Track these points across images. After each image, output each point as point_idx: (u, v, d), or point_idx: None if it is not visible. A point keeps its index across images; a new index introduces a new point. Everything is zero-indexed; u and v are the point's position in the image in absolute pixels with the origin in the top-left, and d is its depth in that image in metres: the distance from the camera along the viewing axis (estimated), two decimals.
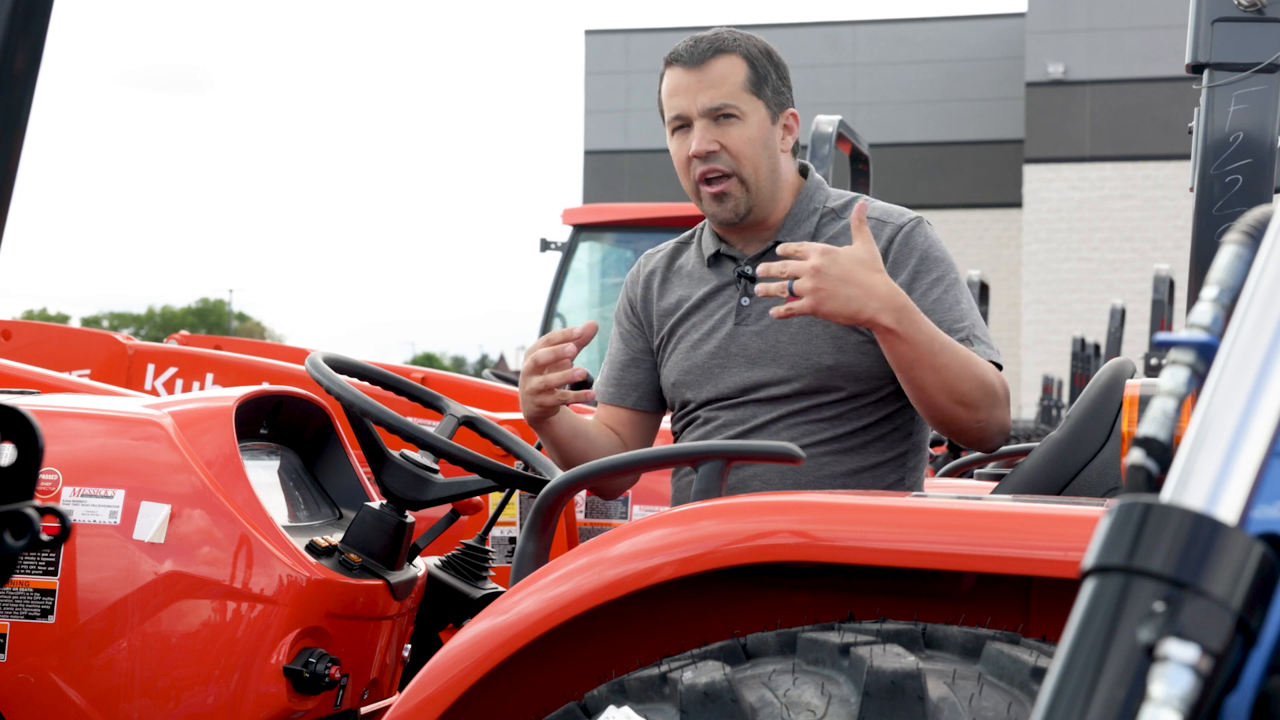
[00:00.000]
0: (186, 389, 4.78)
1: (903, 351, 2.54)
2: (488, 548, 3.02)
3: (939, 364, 2.55)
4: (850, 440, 2.75)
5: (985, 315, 11.20)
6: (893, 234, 2.77)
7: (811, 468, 2.69)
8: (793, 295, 2.47)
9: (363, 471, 2.85)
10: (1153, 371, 9.18)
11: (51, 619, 2.46)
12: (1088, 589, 0.88)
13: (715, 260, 2.88)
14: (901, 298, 2.52)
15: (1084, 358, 14.79)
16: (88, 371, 4.78)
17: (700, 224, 2.98)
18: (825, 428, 2.74)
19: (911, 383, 2.58)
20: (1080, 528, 1.89)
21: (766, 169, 2.80)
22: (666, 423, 3.32)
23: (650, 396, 2.95)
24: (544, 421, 2.72)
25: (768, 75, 2.83)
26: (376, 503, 2.69)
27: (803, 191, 2.87)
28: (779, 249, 2.55)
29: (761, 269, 2.52)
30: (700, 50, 2.81)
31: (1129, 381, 2.62)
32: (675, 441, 2.90)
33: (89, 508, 2.48)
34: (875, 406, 2.75)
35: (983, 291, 11.05)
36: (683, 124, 2.81)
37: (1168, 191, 28.34)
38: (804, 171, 2.92)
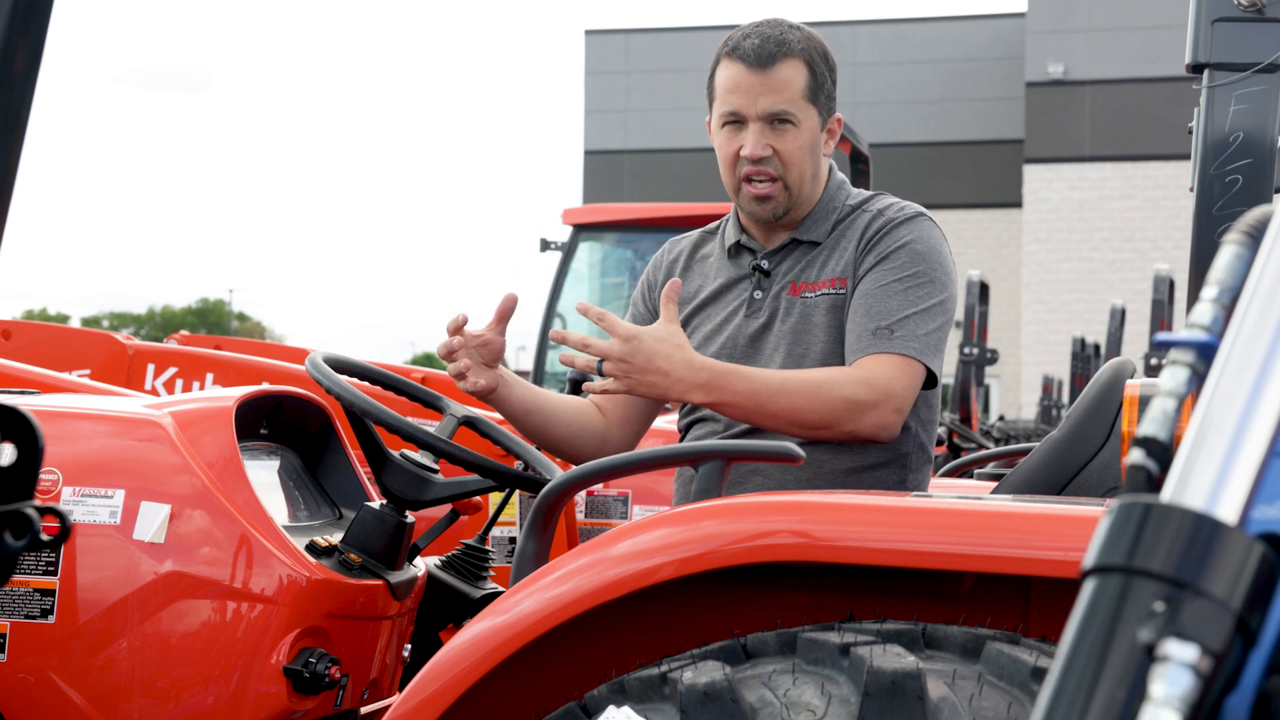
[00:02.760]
0: (186, 389, 4.79)
1: (731, 413, 2.65)
2: (488, 548, 3.02)
3: (772, 410, 2.61)
4: None
5: (985, 315, 11.20)
6: (884, 224, 2.79)
7: (811, 464, 2.70)
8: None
9: (363, 471, 2.86)
10: (1153, 371, 9.19)
11: (51, 619, 2.46)
12: (1088, 589, 0.88)
13: (735, 251, 2.91)
14: (704, 374, 2.60)
15: (1084, 358, 14.81)
16: (88, 371, 4.78)
17: (727, 215, 2.98)
18: None
19: (762, 426, 2.66)
20: (1080, 528, 1.89)
21: (810, 175, 2.83)
22: (667, 423, 3.32)
23: None
24: (490, 398, 2.78)
25: (824, 82, 2.84)
26: (376, 503, 2.69)
27: (825, 191, 2.88)
28: (576, 306, 2.65)
29: (555, 335, 2.65)
30: (767, 52, 2.78)
31: (1129, 381, 2.62)
32: (682, 439, 2.91)
33: (89, 508, 2.48)
34: None
35: (983, 291, 11.05)
36: (736, 120, 2.81)
37: (1168, 191, 28.36)
38: (828, 170, 2.94)
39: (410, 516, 2.70)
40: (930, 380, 2.74)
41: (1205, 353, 0.94)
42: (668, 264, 3.00)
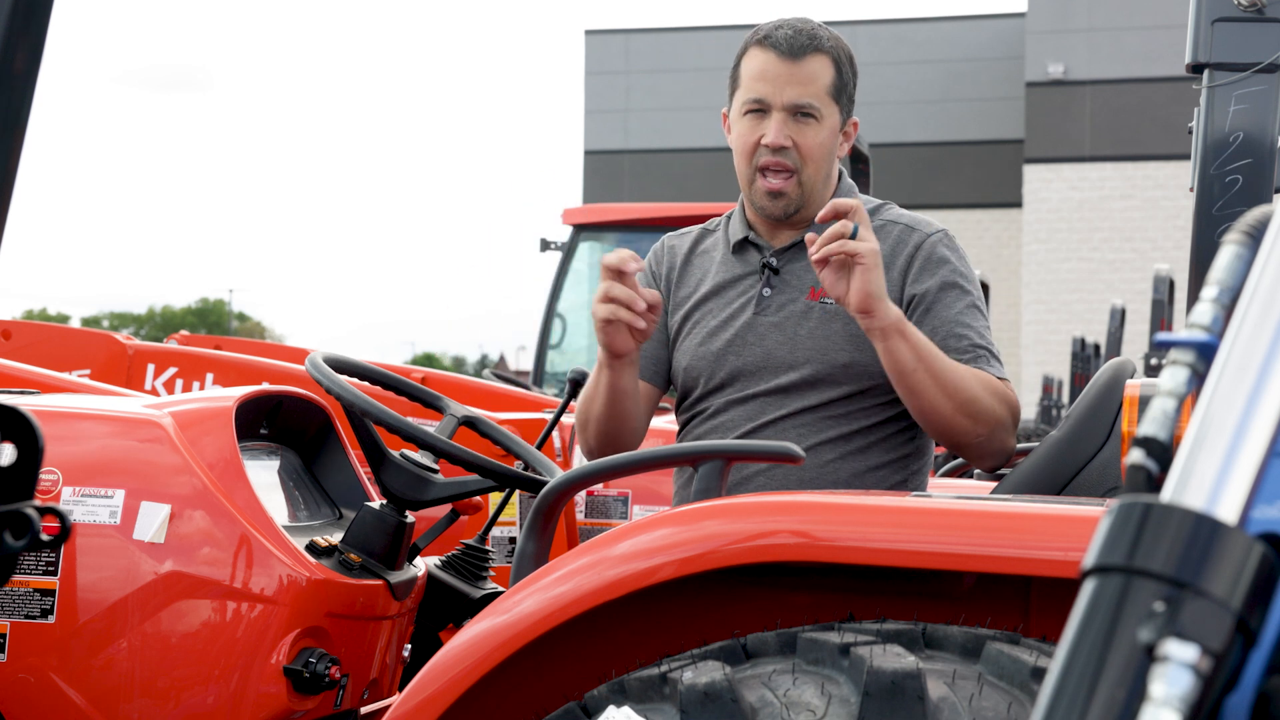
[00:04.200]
0: (186, 389, 4.78)
1: (899, 359, 2.57)
2: (488, 548, 3.02)
3: (939, 373, 2.58)
4: (857, 440, 2.75)
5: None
6: (920, 241, 2.80)
7: (814, 465, 2.70)
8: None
9: (363, 471, 2.85)
10: (1153, 371, 9.18)
11: (51, 619, 2.46)
12: (1088, 589, 0.88)
13: (740, 247, 2.89)
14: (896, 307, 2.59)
15: (1084, 358, 14.79)
16: (88, 371, 4.78)
17: (726, 213, 2.97)
18: (832, 425, 2.74)
19: (913, 389, 2.60)
20: (1080, 528, 1.89)
21: (824, 173, 2.84)
22: (667, 423, 3.32)
23: (662, 374, 2.93)
24: (617, 364, 2.68)
25: (848, 83, 2.86)
26: (376, 503, 2.69)
27: (837, 193, 2.89)
28: (830, 209, 2.54)
29: (830, 209, 2.54)
30: (799, 43, 2.79)
31: (1129, 381, 2.62)
32: (679, 436, 2.90)
33: (89, 508, 2.48)
34: (884, 407, 2.76)
35: (983, 291, 11.04)
36: (760, 109, 2.80)
37: (1168, 191, 28.34)
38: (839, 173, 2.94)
39: (410, 516, 2.70)
40: None
41: (1205, 353, 0.94)
42: (668, 256, 2.97)
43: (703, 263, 2.93)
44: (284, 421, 2.81)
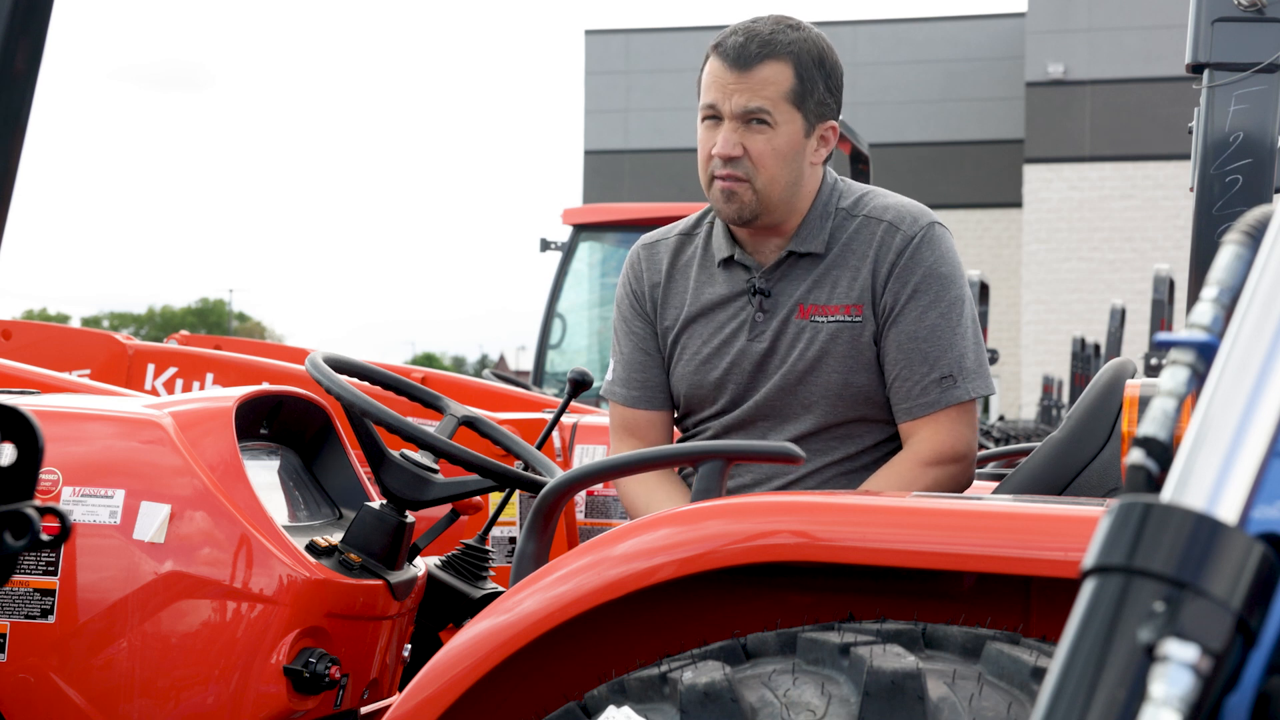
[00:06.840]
0: (186, 389, 4.79)
1: None
2: (488, 548, 3.02)
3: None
4: (860, 459, 2.74)
5: (985, 315, 11.20)
6: (902, 245, 2.71)
7: (819, 487, 2.70)
8: None
9: (363, 471, 2.85)
10: (1153, 371, 9.18)
11: (51, 619, 2.46)
12: (1088, 589, 0.88)
13: (727, 265, 2.80)
14: None
15: (1084, 358, 14.81)
16: (88, 371, 4.79)
17: (709, 215, 2.88)
18: (837, 447, 2.73)
19: None
20: (1080, 528, 1.89)
21: (785, 181, 2.72)
22: None
23: (669, 397, 2.89)
24: None
25: (813, 87, 2.72)
26: (376, 503, 2.69)
27: (819, 196, 2.78)
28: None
29: None
30: (749, 52, 2.68)
31: (1129, 381, 2.62)
32: (683, 439, 2.90)
33: (89, 508, 2.48)
34: (884, 425, 2.75)
35: (983, 291, 11.05)
36: (713, 115, 2.72)
37: (1168, 191, 28.36)
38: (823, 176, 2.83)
39: (410, 516, 2.70)
40: None
41: (1205, 353, 0.94)
42: (648, 271, 2.88)
43: (686, 278, 2.84)
44: (284, 421, 2.81)
